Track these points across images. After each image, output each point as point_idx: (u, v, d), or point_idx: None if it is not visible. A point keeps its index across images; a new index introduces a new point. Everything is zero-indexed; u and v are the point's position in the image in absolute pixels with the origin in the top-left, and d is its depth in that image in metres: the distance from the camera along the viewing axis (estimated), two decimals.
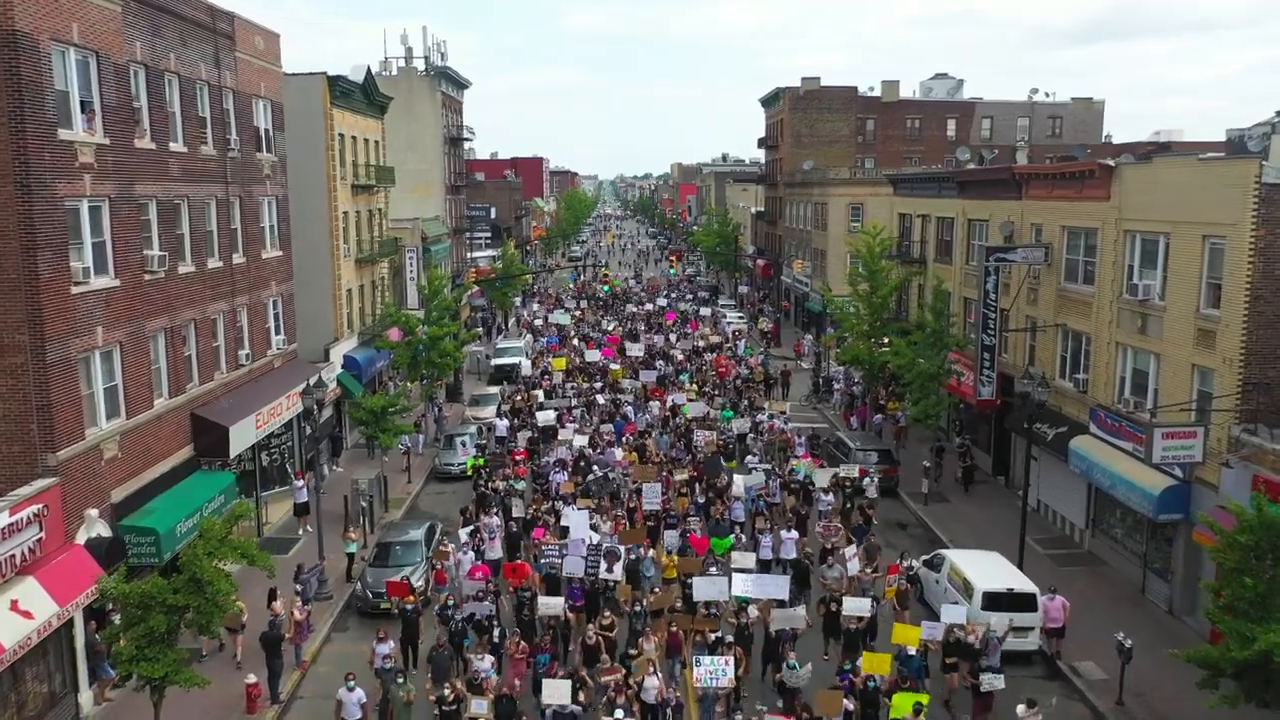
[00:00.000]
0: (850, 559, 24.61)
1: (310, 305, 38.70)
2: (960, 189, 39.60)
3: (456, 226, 70.61)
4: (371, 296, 45.42)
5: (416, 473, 38.21)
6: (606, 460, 31.97)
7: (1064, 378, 31.09)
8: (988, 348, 32.36)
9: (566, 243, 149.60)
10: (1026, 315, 33.60)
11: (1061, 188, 31.20)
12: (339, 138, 40.59)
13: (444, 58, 69.11)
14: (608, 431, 36.33)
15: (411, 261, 49.80)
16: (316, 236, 39.13)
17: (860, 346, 40.35)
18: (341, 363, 40.08)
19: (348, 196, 41.62)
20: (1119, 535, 28.52)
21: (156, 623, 16.68)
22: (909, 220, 46.98)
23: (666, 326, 62.57)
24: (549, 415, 38.62)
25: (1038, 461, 33.05)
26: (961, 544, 30.40)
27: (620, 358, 50.28)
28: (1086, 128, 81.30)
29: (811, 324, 70.23)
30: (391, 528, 29.60)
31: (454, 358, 42.42)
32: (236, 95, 29.57)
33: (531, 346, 59.26)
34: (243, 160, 30.01)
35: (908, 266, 44.46)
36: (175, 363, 25.38)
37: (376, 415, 33.95)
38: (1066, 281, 31.09)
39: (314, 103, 38.81)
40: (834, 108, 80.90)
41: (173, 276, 25.21)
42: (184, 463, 25.71)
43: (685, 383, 45.08)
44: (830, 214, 65.24)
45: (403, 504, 34.84)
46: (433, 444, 41.06)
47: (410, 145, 64.75)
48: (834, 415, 47.01)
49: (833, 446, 37.24)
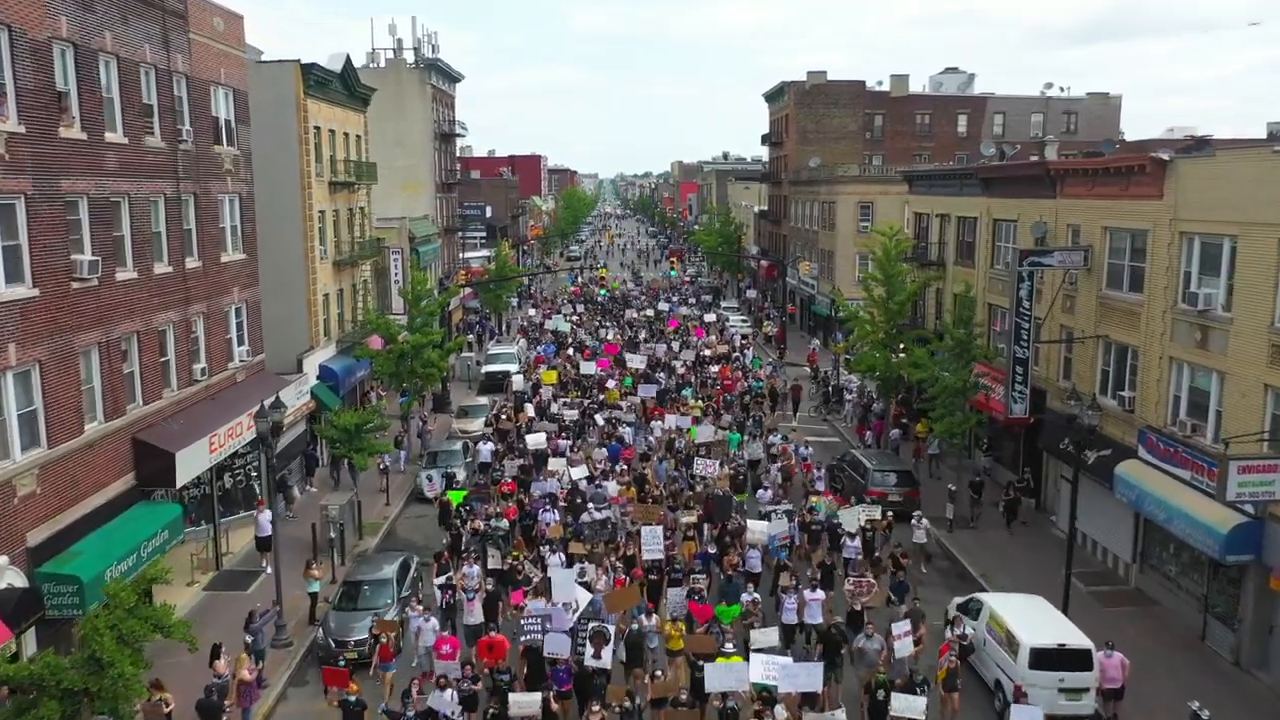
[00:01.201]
0: (899, 636, 19.89)
1: (282, 312, 35.85)
2: (985, 186, 36.65)
3: (448, 226, 67.72)
4: (352, 301, 42.50)
5: (396, 493, 35.26)
6: (602, 495, 28.37)
7: (1105, 394, 28.17)
8: (1020, 360, 29.41)
9: (565, 242, 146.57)
10: (1061, 325, 30.68)
11: (1104, 185, 28.26)
12: (314, 131, 37.68)
13: (435, 50, 66.22)
14: (602, 458, 32.64)
15: (396, 264, 46.86)
16: (289, 237, 36.26)
17: (876, 356, 37.39)
18: (316, 374, 37.17)
19: (325, 194, 38.71)
20: (1172, 572, 25.59)
21: (48, 711, 13.76)
22: (926, 220, 44.04)
23: (669, 334, 58.83)
24: (539, 439, 34.32)
25: (1073, 484, 30.21)
26: (994, 578, 27.58)
27: (619, 369, 46.59)
28: (1103, 124, 78.22)
29: (819, 328, 67.34)
30: (362, 562, 26.58)
31: (439, 367, 39.45)
32: (190, 81, 26.64)
33: (525, 353, 56.14)
34: (198, 154, 27.08)
35: (925, 270, 41.54)
36: (113, 382, 22.45)
37: (350, 433, 31.00)
38: (1109, 288, 28.16)
39: (286, 92, 35.90)
40: (841, 103, 77.99)
41: (109, 284, 22.28)
42: (124, 494, 22.78)
43: (688, 398, 41.49)
44: (839, 213, 62.35)
45: (379, 530, 31.88)
46: (415, 461, 38.11)
47: (399, 141, 61.90)
48: (845, 428, 44.05)
49: (848, 466, 34.27)
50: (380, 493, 34.69)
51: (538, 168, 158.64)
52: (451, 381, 52.40)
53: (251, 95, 34.37)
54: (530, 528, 27.65)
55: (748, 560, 24.89)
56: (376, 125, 60.88)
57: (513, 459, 33.66)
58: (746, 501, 30.41)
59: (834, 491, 31.12)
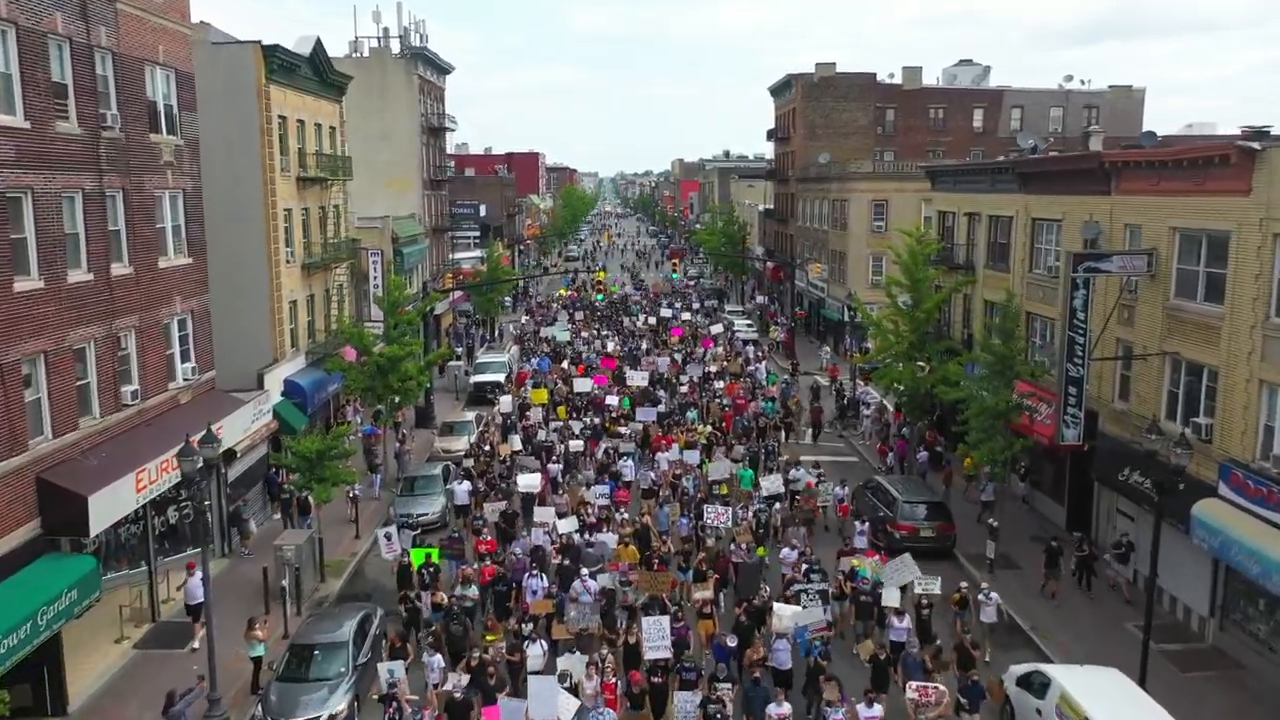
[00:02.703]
0: None
1: (241, 322, 32.29)
2: (1023, 182, 32.98)
3: (437, 225, 64.04)
4: (324, 308, 38.84)
5: (368, 525, 31.57)
6: (596, 555, 23.75)
7: (1173, 420, 24.53)
8: (1074, 380, 25.74)
9: (564, 242, 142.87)
10: (1118, 339, 27.02)
11: (1173, 179, 24.58)
12: (279, 121, 34.00)
13: (424, 40, 62.49)
14: (596, 499, 27.72)
15: (375, 266, 43.20)
16: (249, 238, 32.63)
17: (902, 370, 33.68)
18: (281, 390, 33.52)
19: (291, 191, 35.05)
20: (1262, 632, 21.92)
21: None
22: (951, 220, 40.37)
23: (672, 344, 54.07)
24: (531, 481, 29.30)
25: (1135, 523, 26.58)
26: (1046, 630, 23.96)
27: (616, 386, 42.17)
28: (1126, 118, 74.46)
29: (829, 333, 63.69)
30: (314, 618, 22.77)
31: (419, 381, 35.75)
32: (119, 59, 22.97)
33: (516, 362, 52.38)
34: (129, 143, 23.42)
35: (952, 274, 37.89)
36: (10, 412, 18.80)
37: (311, 461, 27.32)
38: (1179, 298, 24.50)
39: (245, 78, 32.24)
40: (851, 96, 74.17)
41: (5, 296, 18.64)
42: (25, 545, 19.13)
43: (693, 422, 37.18)
44: (851, 212, 58.70)
45: (345, 569, 28.22)
46: (391, 485, 34.47)
47: (384, 135, 58.28)
48: (864, 446, 40.34)
49: (870, 494, 30.58)
50: (349, 523, 31.06)
51: (535, 165, 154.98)
52: (437, 393, 48.84)
53: (205, 80, 30.79)
54: (507, 595, 22.57)
55: (776, 654, 19.69)
56: (359, 119, 57.36)
57: (494, 501, 28.66)
58: (767, 556, 25.75)
59: (878, 549, 26.14)
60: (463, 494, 30.21)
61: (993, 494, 30.38)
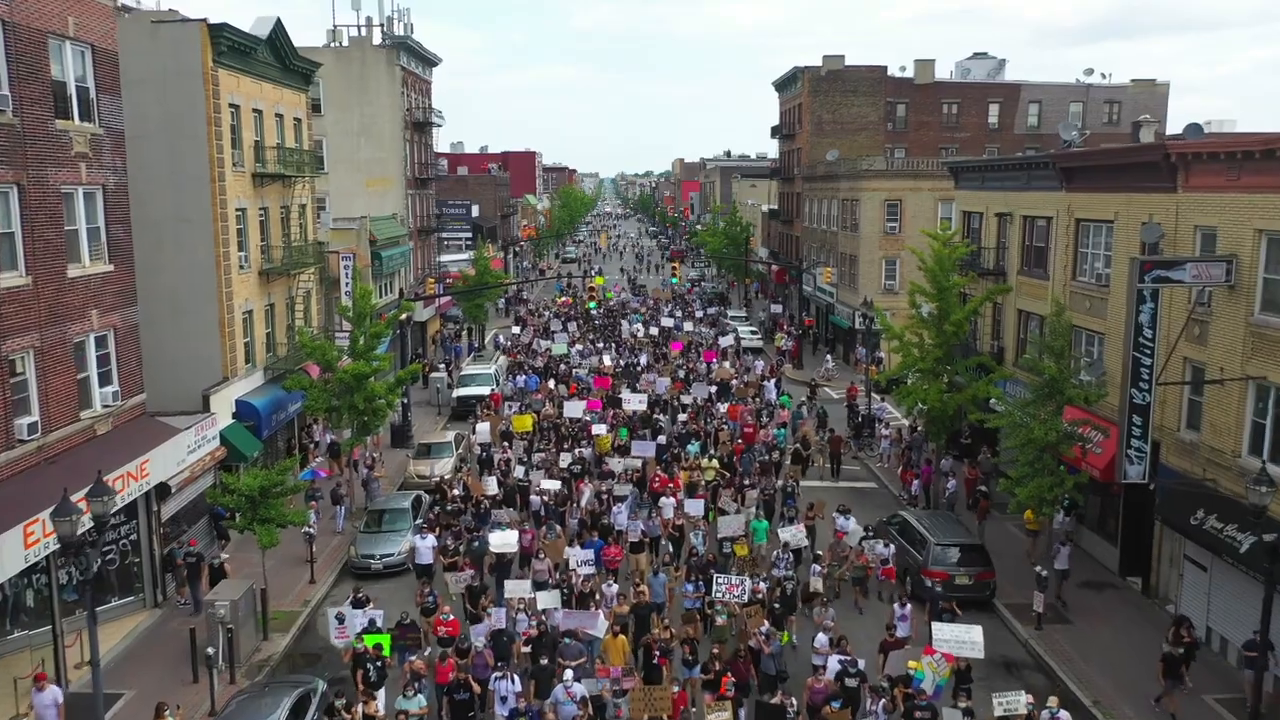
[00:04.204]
0: None
1: (185, 336, 28.81)
2: (1065, 178, 29.32)
3: (422, 226, 60.38)
4: (288, 319, 35.18)
5: (326, 565, 27.95)
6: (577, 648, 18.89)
7: (1258, 455, 20.88)
8: (1139, 408, 22.04)
9: (561, 243, 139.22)
10: (1186, 359, 23.35)
11: (1259, 172, 20.91)
12: (231, 110, 30.37)
13: (410, 29, 58.78)
14: (583, 567, 22.31)
15: (347, 271, 39.55)
16: (195, 242, 29.00)
17: (929, 390, 29.98)
18: (232, 411, 29.88)
19: (246, 188, 31.41)
20: None
21: None
22: (978, 221, 36.73)
23: (673, 359, 48.33)
24: (508, 539, 24.06)
25: (1206, 571, 22.89)
26: (1108, 704, 20.27)
27: (611, 411, 37.10)
28: (1149, 113, 70.59)
29: (838, 341, 60.01)
30: (239, 705, 18.86)
31: (388, 401, 32.05)
32: (11, 29, 19.33)
33: (505, 373, 48.61)
34: (27, 130, 19.79)
35: (980, 281, 34.27)
36: None
37: (253, 500, 23.63)
38: (1265, 313, 20.83)
39: (188, 60, 28.56)
40: (860, 90, 70.51)
41: None
42: None
43: (696, 455, 31.53)
44: (863, 212, 54.98)
45: (295, 622, 24.50)
46: (356, 517, 30.80)
47: (363, 130, 54.71)
48: (882, 469, 36.59)
49: (895, 531, 26.86)
50: (304, 563, 27.35)
51: (532, 164, 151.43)
52: (420, 406, 45.19)
53: (143, 62, 27.47)
54: (468, 705, 17.58)
55: None
56: (337, 113, 53.90)
57: (460, 571, 22.97)
58: (793, 639, 21.31)
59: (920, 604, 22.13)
60: (425, 551, 25.05)
61: (1068, 560, 24.77)
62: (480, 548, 24.56)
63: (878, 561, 24.80)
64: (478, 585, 22.71)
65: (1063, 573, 24.75)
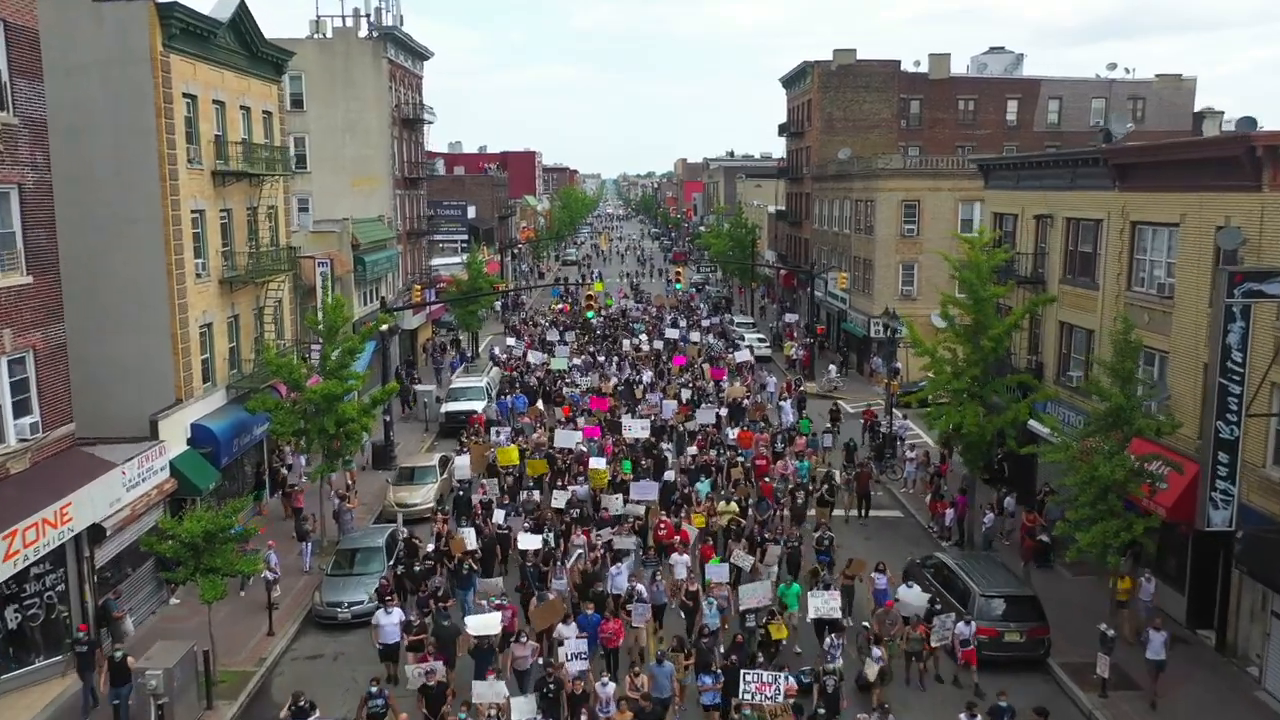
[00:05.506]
0: None
1: (130, 354, 25.71)
2: (1119, 175, 26.12)
3: (412, 229, 57.22)
4: (254, 332, 32.02)
5: (289, 612, 24.78)
6: None
7: None
8: (1226, 444, 18.85)
9: (561, 245, 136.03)
10: (1275, 385, 20.16)
11: None
12: (186, 100, 27.24)
13: (399, 20, 55.58)
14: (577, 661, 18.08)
15: (323, 278, 36.40)
16: (142, 248, 25.83)
17: (964, 411, 26.75)
18: (187, 437, 26.72)
19: (205, 187, 28.28)
20: None
21: None
22: (1012, 223, 33.57)
23: (675, 376, 43.90)
24: (489, 623, 19.25)
25: None
26: None
27: (610, 437, 32.95)
28: (1175, 110, 67.62)
29: (851, 349, 56.79)
30: None
31: (360, 424, 28.87)
32: None
33: (495, 385, 45.35)
34: None
35: (1019, 290, 31.10)
36: None
37: (196, 548, 20.43)
38: None
39: (135, 43, 25.39)
40: (873, 86, 67.34)
41: None
42: None
43: (707, 496, 27.20)
44: (878, 213, 51.81)
45: (247, 684, 21.32)
46: (327, 553, 27.62)
47: (349, 127, 51.66)
48: (907, 495, 33.37)
49: (932, 577, 23.62)
50: (263, 610, 24.14)
51: (532, 165, 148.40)
52: (406, 423, 42.03)
53: (82, 45, 24.49)
54: None
55: None
56: (321, 108, 50.89)
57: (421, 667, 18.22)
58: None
59: None
60: (391, 629, 20.49)
61: (1163, 648, 19.64)
62: (452, 629, 20.03)
63: (956, 643, 20.38)
64: (436, 687, 17.85)
65: (1158, 664, 19.79)
